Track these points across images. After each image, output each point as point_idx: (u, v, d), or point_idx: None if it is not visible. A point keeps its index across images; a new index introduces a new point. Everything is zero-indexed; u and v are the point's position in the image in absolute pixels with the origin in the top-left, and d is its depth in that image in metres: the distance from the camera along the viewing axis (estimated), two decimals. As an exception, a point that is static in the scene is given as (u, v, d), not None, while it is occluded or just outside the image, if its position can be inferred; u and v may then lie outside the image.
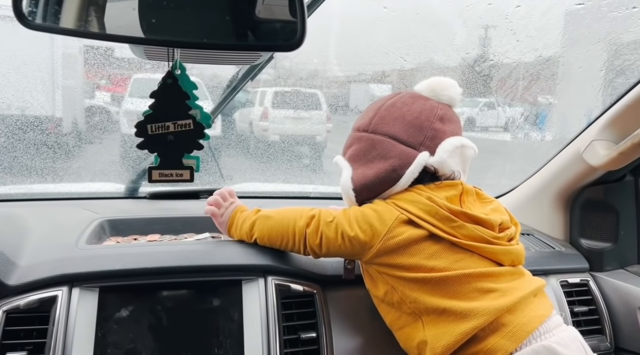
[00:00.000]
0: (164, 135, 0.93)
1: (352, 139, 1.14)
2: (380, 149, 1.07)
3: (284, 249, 1.15)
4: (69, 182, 2.00)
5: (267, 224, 1.15)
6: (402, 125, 1.08)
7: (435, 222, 1.01)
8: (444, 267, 0.99)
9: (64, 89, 3.13)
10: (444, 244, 1.01)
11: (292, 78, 4.95)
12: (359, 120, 1.15)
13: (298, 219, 1.10)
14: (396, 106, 1.11)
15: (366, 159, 1.08)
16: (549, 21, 1.40)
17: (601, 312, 1.39)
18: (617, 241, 1.48)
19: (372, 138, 1.09)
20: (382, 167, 1.06)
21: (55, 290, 1.05)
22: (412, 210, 1.02)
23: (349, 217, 1.06)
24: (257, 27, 0.87)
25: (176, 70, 0.93)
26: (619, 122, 1.31)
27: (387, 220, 1.02)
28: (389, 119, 1.09)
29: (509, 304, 0.94)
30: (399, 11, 1.51)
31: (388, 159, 1.06)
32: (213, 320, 1.11)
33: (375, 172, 1.06)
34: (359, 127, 1.14)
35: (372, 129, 1.10)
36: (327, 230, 1.07)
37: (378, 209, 1.04)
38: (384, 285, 1.05)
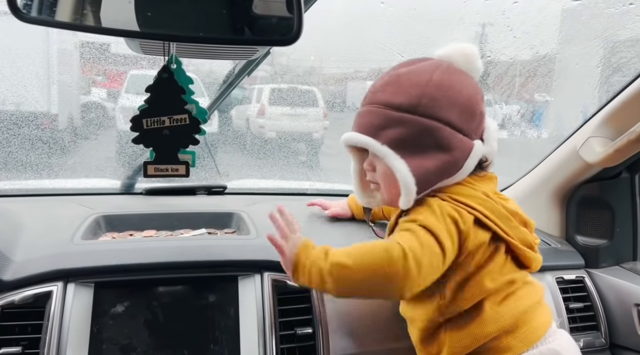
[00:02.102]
0: (160, 129, 0.92)
1: (390, 119, 0.93)
2: (438, 138, 0.92)
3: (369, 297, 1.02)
4: (64, 178, 1.99)
5: (346, 276, 0.87)
6: (458, 110, 0.93)
7: (497, 221, 0.93)
8: (495, 274, 0.94)
9: (59, 85, 3.12)
10: (500, 247, 0.94)
11: (289, 75, 4.95)
12: (392, 94, 0.95)
13: (388, 257, 0.85)
14: (445, 85, 0.94)
15: (418, 147, 0.92)
16: (545, 18, 1.40)
17: (596, 309, 1.40)
18: (613, 238, 1.49)
19: (423, 123, 0.92)
20: (443, 159, 0.92)
21: (51, 285, 1.05)
22: (476, 207, 0.92)
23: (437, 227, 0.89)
24: (253, 21, 0.87)
25: (172, 64, 0.92)
26: (615, 119, 1.31)
27: (463, 227, 0.91)
28: (444, 102, 0.93)
29: (527, 308, 0.95)
30: (396, 6, 1.51)
31: (449, 150, 0.92)
32: (209, 316, 1.11)
33: (436, 164, 0.92)
34: (399, 105, 0.93)
35: (423, 112, 0.92)
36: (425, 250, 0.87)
37: (452, 215, 0.91)
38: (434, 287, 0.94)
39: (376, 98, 0.97)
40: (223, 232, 1.39)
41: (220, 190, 1.68)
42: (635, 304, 1.34)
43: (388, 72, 1.00)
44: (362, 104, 1.01)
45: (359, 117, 1.00)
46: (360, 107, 1.02)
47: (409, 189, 0.92)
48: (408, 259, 0.84)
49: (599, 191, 1.49)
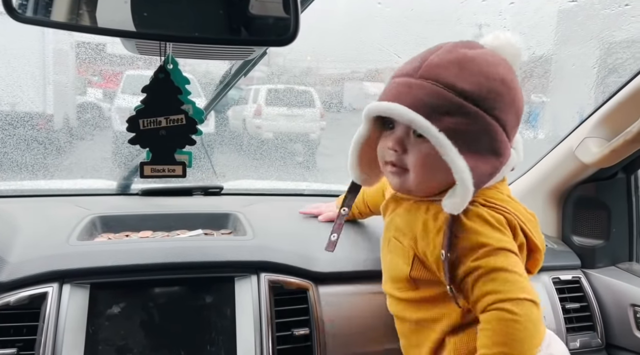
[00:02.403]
0: (156, 130, 0.92)
1: (452, 106, 0.81)
2: (495, 141, 0.83)
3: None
4: (60, 179, 1.98)
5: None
6: (514, 113, 0.86)
7: (529, 226, 0.89)
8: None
9: (55, 85, 3.10)
10: (524, 250, 0.91)
11: (286, 75, 4.94)
12: (457, 77, 0.82)
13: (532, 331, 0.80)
14: (509, 84, 0.85)
15: (476, 147, 0.81)
16: (542, 18, 1.40)
17: (592, 309, 1.40)
18: (609, 238, 1.49)
19: (486, 120, 0.82)
20: (494, 165, 0.84)
21: (46, 286, 1.04)
22: (513, 212, 0.88)
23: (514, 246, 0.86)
24: (250, 21, 0.87)
25: (168, 64, 0.92)
26: (611, 119, 1.31)
27: (518, 233, 0.88)
28: (507, 102, 0.84)
29: None
30: (393, 7, 1.50)
31: (500, 156, 0.84)
32: (205, 316, 1.11)
33: (490, 170, 0.84)
34: (464, 91, 0.81)
35: (488, 107, 0.81)
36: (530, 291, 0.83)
37: (502, 219, 0.87)
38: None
39: (435, 74, 0.82)
40: (219, 232, 1.39)
41: (217, 190, 1.68)
42: (631, 304, 1.35)
43: (448, 49, 0.86)
44: (409, 74, 0.85)
45: (405, 87, 0.84)
46: (401, 77, 0.86)
47: (468, 190, 0.80)
48: (534, 302, 0.81)
49: (595, 191, 1.49)
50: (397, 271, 0.98)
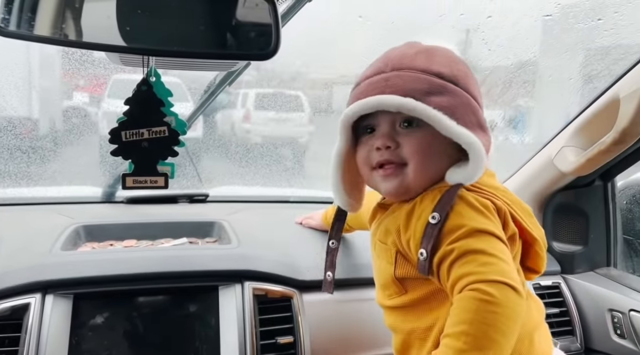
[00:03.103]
0: (139, 141, 0.93)
1: (434, 86, 0.82)
2: (479, 116, 0.84)
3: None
4: (44, 186, 1.97)
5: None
6: (480, 96, 0.87)
7: (523, 216, 0.85)
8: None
9: (40, 90, 3.08)
10: (518, 248, 0.86)
11: (275, 80, 4.95)
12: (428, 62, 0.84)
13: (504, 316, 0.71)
14: (468, 67, 0.89)
15: (464, 121, 0.82)
16: (519, 32, 1.44)
17: (572, 314, 1.43)
18: (588, 244, 1.52)
19: (466, 96, 0.83)
20: (487, 140, 0.83)
21: (28, 297, 1.04)
22: (504, 199, 0.84)
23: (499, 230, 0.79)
24: (232, 36, 0.88)
25: (151, 77, 0.93)
26: (586, 130, 1.34)
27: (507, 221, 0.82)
28: (473, 81, 0.87)
29: (536, 324, 0.88)
30: (374, 20, 1.53)
31: (486, 131, 0.85)
32: (189, 326, 1.11)
33: (485, 143, 0.82)
34: (442, 73, 0.83)
35: (463, 85, 0.84)
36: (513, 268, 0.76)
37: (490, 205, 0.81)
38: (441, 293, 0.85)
39: (407, 64, 0.84)
40: (204, 241, 1.40)
41: (202, 198, 1.68)
42: (608, 309, 1.37)
43: (405, 46, 0.89)
44: (378, 71, 0.86)
45: (381, 81, 0.84)
46: (370, 77, 0.86)
47: (480, 157, 0.79)
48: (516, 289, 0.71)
49: (574, 199, 1.52)
50: (384, 274, 0.94)
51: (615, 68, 1.24)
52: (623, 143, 1.21)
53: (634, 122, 1.16)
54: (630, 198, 1.61)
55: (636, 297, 1.35)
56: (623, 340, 1.33)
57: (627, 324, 1.31)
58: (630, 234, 1.61)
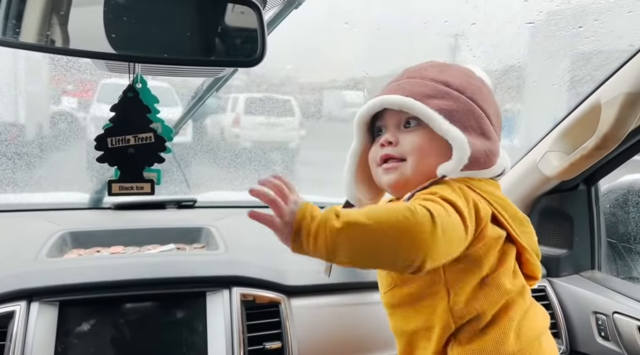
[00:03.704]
0: (125, 148, 0.93)
1: (438, 91, 0.89)
2: (481, 124, 0.89)
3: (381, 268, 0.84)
4: (30, 193, 1.95)
5: (363, 238, 0.74)
6: (495, 113, 0.93)
7: (511, 222, 0.88)
8: (510, 277, 0.87)
9: (26, 95, 3.06)
10: (511, 249, 0.89)
11: (265, 84, 4.95)
12: (441, 74, 0.92)
13: (412, 214, 0.73)
14: (488, 86, 0.96)
15: (464, 125, 0.87)
16: (503, 38, 1.47)
17: (557, 317, 1.44)
18: (572, 248, 1.54)
19: (471, 105, 0.89)
20: (487, 146, 0.88)
21: (13, 305, 1.03)
22: (493, 204, 0.87)
23: (460, 202, 0.81)
24: (218, 43, 0.89)
25: (137, 83, 0.93)
26: (569, 134, 1.36)
27: (482, 215, 0.83)
28: (487, 98, 0.92)
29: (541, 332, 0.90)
30: (360, 27, 1.55)
31: (490, 140, 0.90)
32: (177, 332, 1.11)
33: (483, 147, 0.87)
34: (449, 83, 0.90)
35: (470, 96, 0.89)
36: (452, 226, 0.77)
37: (473, 198, 0.84)
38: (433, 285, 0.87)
39: (419, 73, 0.93)
40: (192, 247, 1.40)
41: (190, 204, 1.68)
42: (593, 311, 1.39)
43: (428, 62, 0.97)
44: (397, 79, 0.95)
45: (396, 85, 0.93)
46: (393, 83, 0.95)
47: (464, 154, 0.84)
48: (435, 220, 0.72)
49: (558, 202, 1.54)
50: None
51: (597, 74, 1.26)
52: (604, 148, 1.23)
53: (615, 128, 1.18)
54: (614, 202, 1.64)
55: (620, 299, 1.36)
56: (607, 343, 1.35)
57: (611, 326, 1.33)
58: (614, 237, 1.63)
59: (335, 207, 0.77)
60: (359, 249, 0.74)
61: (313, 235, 0.73)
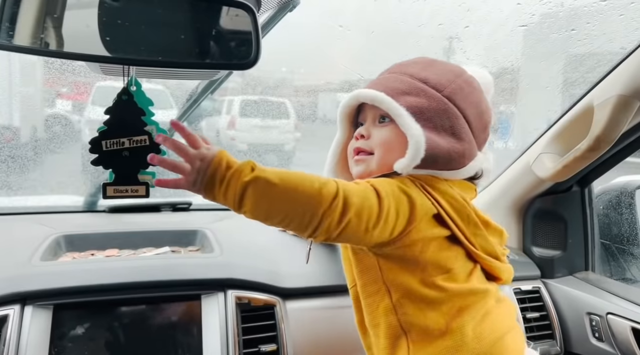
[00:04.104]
0: (119, 151, 0.92)
1: (414, 88, 0.89)
2: (454, 124, 0.89)
3: (283, 226, 0.84)
4: (24, 196, 1.95)
5: (269, 196, 0.78)
6: (476, 113, 0.92)
7: (460, 224, 0.88)
8: (457, 278, 0.88)
9: (20, 98, 3.04)
10: (457, 250, 0.89)
11: (260, 86, 4.96)
12: (423, 70, 0.92)
13: (319, 186, 0.79)
14: (474, 86, 0.94)
15: (434, 124, 0.87)
16: (496, 41, 1.48)
17: (552, 318, 1.45)
18: (566, 249, 1.55)
19: (446, 104, 0.88)
20: (455, 146, 0.88)
21: (7, 309, 1.03)
22: (443, 204, 0.87)
23: (385, 190, 0.83)
24: (212, 46, 0.89)
25: (132, 86, 0.93)
26: (563, 136, 1.38)
27: (418, 211, 0.84)
28: (469, 98, 0.91)
29: (501, 335, 0.89)
30: (354, 30, 1.56)
31: (461, 140, 0.89)
32: (172, 335, 1.11)
33: (448, 147, 0.87)
34: (427, 80, 0.90)
35: (448, 94, 0.89)
36: (360, 200, 0.80)
37: (411, 193, 0.85)
38: (374, 284, 0.90)
39: (401, 69, 0.94)
40: (187, 250, 1.39)
41: (185, 206, 1.68)
42: (587, 312, 1.40)
43: (416, 57, 0.98)
44: (382, 73, 0.98)
45: (376, 81, 0.95)
46: (377, 76, 0.98)
47: (418, 152, 0.85)
48: (338, 196, 0.78)
49: (552, 204, 1.55)
50: (345, 259, 0.99)
51: (589, 76, 1.28)
52: (597, 150, 1.24)
53: (608, 129, 1.19)
54: (607, 203, 1.65)
55: (613, 300, 1.38)
56: (601, 343, 1.36)
57: (605, 327, 1.34)
58: (608, 239, 1.65)
59: (253, 161, 0.81)
60: (262, 203, 0.78)
61: (225, 183, 0.78)
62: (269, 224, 0.82)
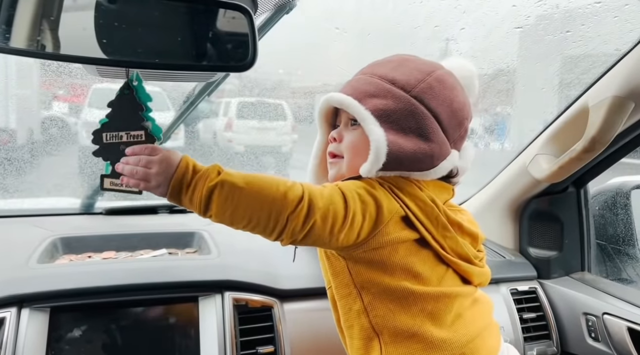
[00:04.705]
0: (117, 144, 0.92)
1: (381, 90, 0.89)
2: (422, 124, 0.88)
3: (249, 230, 0.82)
4: (20, 198, 1.94)
5: (234, 199, 0.78)
6: (449, 111, 0.90)
7: (429, 226, 0.87)
8: (426, 281, 0.87)
9: (17, 100, 3.04)
10: (426, 253, 0.88)
11: (257, 88, 4.96)
12: (392, 70, 0.92)
13: (285, 190, 0.79)
14: (446, 84, 0.92)
15: (400, 126, 0.87)
16: (492, 43, 1.49)
17: (548, 318, 1.46)
18: (562, 249, 1.56)
19: (413, 105, 0.88)
20: (420, 147, 0.87)
21: (3, 311, 1.03)
22: (411, 207, 0.86)
23: (351, 193, 0.83)
24: (209, 48, 0.89)
25: (133, 81, 0.93)
26: (558, 138, 1.38)
27: (385, 214, 0.84)
28: (440, 97, 0.90)
29: (475, 335, 0.89)
30: (350, 32, 1.57)
31: (429, 141, 0.88)
32: (169, 338, 1.11)
33: (412, 148, 0.86)
34: (395, 80, 0.90)
35: (416, 94, 0.88)
36: (325, 204, 0.80)
37: (378, 196, 0.85)
38: (346, 287, 0.90)
39: (372, 70, 0.94)
40: (184, 252, 1.39)
41: (182, 208, 1.67)
42: (583, 312, 1.40)
43: (390, 56, 0.98)
44: (356, 74, 0.98)
45: (347, 83, 0.96)
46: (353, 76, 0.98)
47: (379, 156, 0.85)
48: (303, 199, 0.78)
49: (548, 205, 1.56)
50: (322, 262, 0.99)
51: (584, 78, 1.28)
52: (593, 151, 1.24)
53: (603, 130, 1.20)
54: (603, 204, 1.65)
55: (609, 300, 1.38)
56: (597, 343, 1.36)
57: (601, 327, 1.35)
58: (603, 239, 1.65)
59: (220, 165, 0.81)
60: (227, 207, 0.78)
61: (192, 187, 0.78)
62: (235, 228, 0.82)
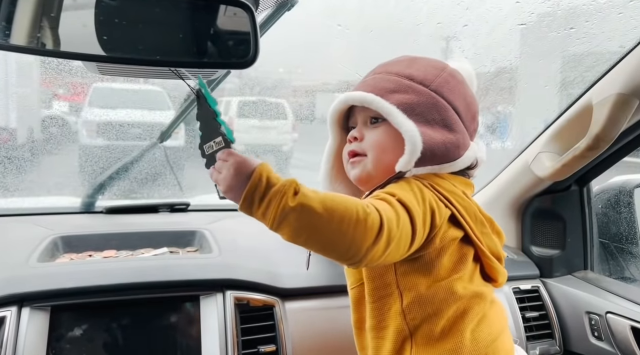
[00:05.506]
0: (213, 153, 0.88)
1: (401, 86, 0.89)
2: (445, 116, 0.89)
3: (321, 254, 0.78)
4: (20, 197, 1.94)
5: (312, 225, 0.73)
6: (464, 103, 0.92)
7: (471, 223, 0.87)
8: (465, 280, 0.87)
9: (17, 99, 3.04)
10: (468, 251, 0.88)
11: (258, 87, 4.96)
12: (407, 68, 0.93)
13: (364, 217, 0.73)
14: (458, 79, 0.95)
15: (425, 118, 0.87)
16: (495, 40, 1.48)
17: (551, 317, 1.45)
18: (565, 248, 1.55)
19: (434, 98, 0.89)
20: (448, 138, 0.88)
21: (4, 310, 1.02)
22: (455, 205, 0.86)
23: (415, 207, 0.80)
24: (210, 45, 0.88)
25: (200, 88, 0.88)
26: (561, 135, 1.38)
27: (438, 218, 0.83)
28: (455, 90, 0.92)
29: (497, 335, 0.89)
30: (352, 29, 1.56)
31: (453, 131, 0.89)
32: (170, 337, 1.10)
33: (442, 139, 0.87)
34: (413, 76, 0.91)
35: (435, 88, 0.90)
36: (400, 230, 0.77)
37: (430, 201, 0.83)
38: (387, 287, 0.88)
39: (385, 69, 0.94)
40: (185, 250, 1.39)
41: (183, 207, 1.67)
42: (586, 311, 1.40)
43: (400, 57, 0.98)
44: (367, 75, 0.97)
45: (362, 83, 0.95)
46: (362, 79, 0.97)
47: (415, 148, 0.84)
48: (383, 229, 0.73)
49: (551, 203, 1.55)
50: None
51: (588, 75, 1.27)
52: (596, 149, 1.24)
53: (607, 128, 1.19)
54: (606, 202, 1.65)
55: (612, 299, 1.37)
56: (600, 342, 1.36)
57: (604, 326, 1.34)
58: (606, 238, 1.65)
59: (296, 181, 0.75)
60: (303, 232, 0.74)
61: (266, 203, 0.73)
62: (308, 249, 0.78)
